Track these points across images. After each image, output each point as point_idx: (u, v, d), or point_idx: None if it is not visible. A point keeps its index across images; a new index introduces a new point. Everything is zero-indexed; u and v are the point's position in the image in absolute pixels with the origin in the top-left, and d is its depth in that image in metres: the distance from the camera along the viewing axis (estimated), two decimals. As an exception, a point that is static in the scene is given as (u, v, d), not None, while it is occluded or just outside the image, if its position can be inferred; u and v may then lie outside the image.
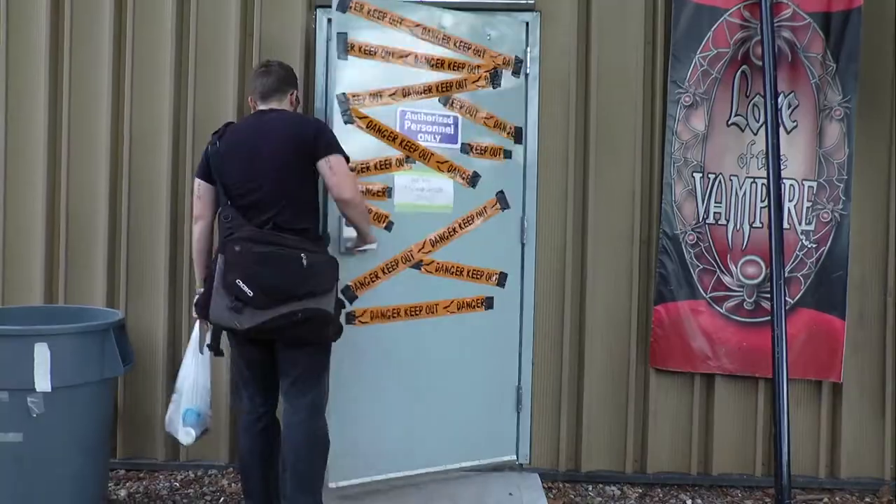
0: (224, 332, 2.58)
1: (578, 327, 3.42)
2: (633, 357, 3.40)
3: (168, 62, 3.36)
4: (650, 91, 3.41)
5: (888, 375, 3.38)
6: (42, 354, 2.50)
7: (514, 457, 3.42)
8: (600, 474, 3.42)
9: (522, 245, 3.41)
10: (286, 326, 2.41)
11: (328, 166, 2.52)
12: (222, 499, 3.12)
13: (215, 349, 2.61)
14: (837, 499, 3.32)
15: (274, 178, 2.52)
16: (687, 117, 3.34)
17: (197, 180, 2.69)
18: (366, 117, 3.08)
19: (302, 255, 2.42)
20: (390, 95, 3.14)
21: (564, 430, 3.42)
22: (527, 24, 3.39)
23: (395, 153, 3.15)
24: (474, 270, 3.30)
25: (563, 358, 3.41)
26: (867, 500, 3.32)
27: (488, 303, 3.34)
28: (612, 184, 3.40)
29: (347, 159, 2.58)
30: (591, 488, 3.36)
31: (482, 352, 3.34)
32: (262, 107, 2.70)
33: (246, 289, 2.36)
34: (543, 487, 3.27)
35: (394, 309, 3.15)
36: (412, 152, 3.18)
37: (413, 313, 3.19)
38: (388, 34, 3.13)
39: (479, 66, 3.29)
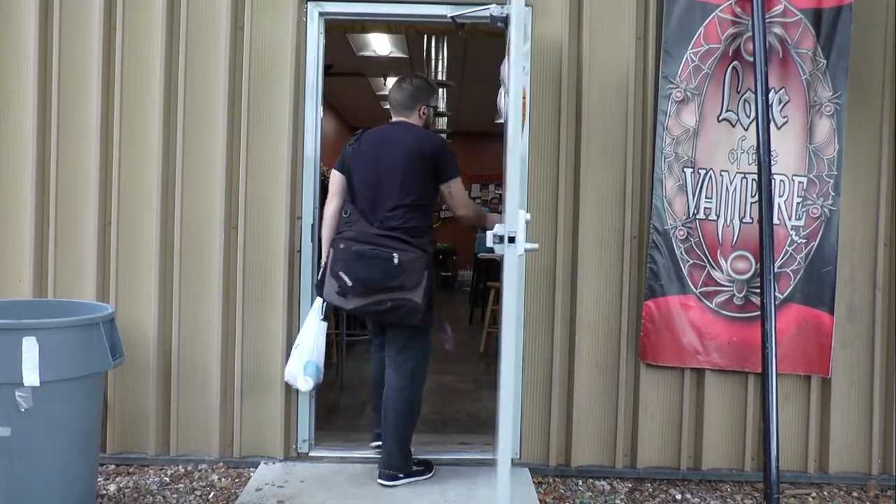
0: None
1: (569, 322, 3.43)
2: (623, 352, 3.41)
3: (158, 54, 3.35)
4: (641, 86, 3.41)
5: (876, 370, 3.40)
6: (31, 348, 2.49)
7: (505, 451, 3.43)
8: (590, 469, 3.43)
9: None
10: (379, 311, 2.99)
11: (448, 191, 3.13)
12: (212, 493, 3.12)
13: (326, 318, 3.18)
14: (825, 493, 3.33)
15: (391, 185, 3.03)
16: (678, 113, 3.34)
17: (334, 172, 3.24)
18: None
19: (394, 254, 2.93)
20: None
21: (555, 425, 3.43)
22: (518, 18, 3.39)
23: None
24: None
25: (554, 353, 3.41)
26: (855, 494, 3.34)
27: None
28: (603, 179, 3.41)
29: (459, 174, 3.13)
30: (581, 483, 3.37)
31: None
32: (392, 119, 3.24)
33: (346, 279, 2.97)
34: (533, 482, 3.28)
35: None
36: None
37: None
38: None
39: None
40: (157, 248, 3.35)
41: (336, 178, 3.23)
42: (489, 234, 2.53)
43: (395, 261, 2.92)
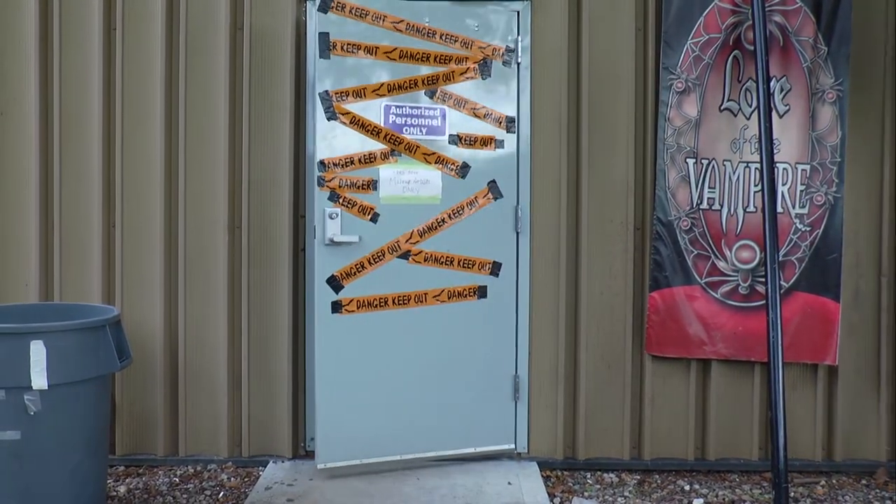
0: None
1: (574, 315, 3.43)
2: (628, 344, 3.41)
3: (158, 58, 3.35)
4: (642, 78, 3.41)
5: (883, 357, 3.39)
6: (38, 352, 2.50)
7: (513, 446, 3.44)
8: (598, 461, 3.43)
9: (517, 234, 3.41)
10: None
11: None
12: (222, 493, 3.13)
13: None
14: (834, 481, 3.33)
15: None
16: (679, 103, 3.33)
17: None
18: (349, 113, 3.17)
19: None
20: (374, 91, 3.21)
21: (561, 419, 3.43)
22: (517, 13, 3.39)
23: (379, 147, 3.22)
24: (465, 260, 3.33)
25: (560, 346, 3.42)
26: (864, 482, 3.34)
27: (481, 292, 3.35)
28: (605, 171, 3.40)
29: None
30: (589, 476, 3.37)
31: (479, 341, 3.36)
32: None
33: None
34: (542, 476, 3.28)
35: (380, 298, 3.23)
36: (397, 145, 3.24)
37: (401, 302, 3.26)
38: (372, 31, 3.20)
39: (466, 58, 3.31)
40: (161, 249, 3.36)
41: None
42: None
43: None
